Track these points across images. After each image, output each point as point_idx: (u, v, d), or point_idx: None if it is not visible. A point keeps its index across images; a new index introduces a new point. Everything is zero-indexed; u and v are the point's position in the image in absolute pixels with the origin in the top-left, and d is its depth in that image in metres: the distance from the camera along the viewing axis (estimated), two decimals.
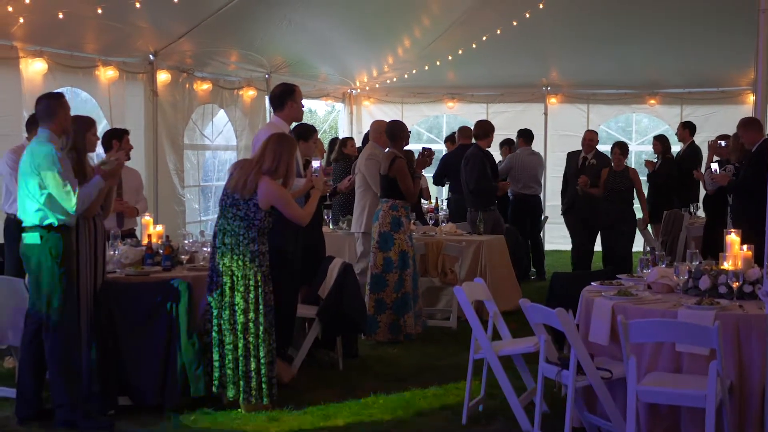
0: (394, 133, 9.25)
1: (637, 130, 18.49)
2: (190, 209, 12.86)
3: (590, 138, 12.58)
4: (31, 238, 6.38)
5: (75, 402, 6.34)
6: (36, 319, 6.44)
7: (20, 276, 7.02)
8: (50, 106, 6.50)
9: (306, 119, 7.93)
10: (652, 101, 16.27)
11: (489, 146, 11.46)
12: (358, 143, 12.69)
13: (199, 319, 6.78)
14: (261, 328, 6.67)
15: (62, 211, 6.32)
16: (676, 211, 12.20)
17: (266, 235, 6.81)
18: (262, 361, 6.67)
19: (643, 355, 5.52)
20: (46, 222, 6.35)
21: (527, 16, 13.45)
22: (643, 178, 14.53)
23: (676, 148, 13.83)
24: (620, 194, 11.64)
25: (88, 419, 6.31)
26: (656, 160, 13.24)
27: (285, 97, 7.68)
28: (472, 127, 11.87)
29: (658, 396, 5.24)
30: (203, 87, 12.88)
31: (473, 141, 11.69)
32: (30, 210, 6.38)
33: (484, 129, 11.42)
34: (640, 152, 17.21)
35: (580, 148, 12.82)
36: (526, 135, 13.56)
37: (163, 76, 11.97)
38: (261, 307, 6.69)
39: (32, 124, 8.12)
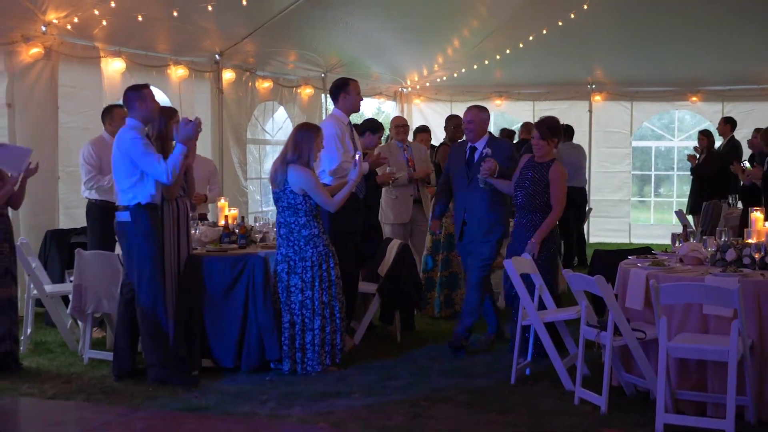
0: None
1: (680, 126, 18.99)
2: (252, 200, 13.66)
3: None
4: (122, 216, 7.15)
5: (164, 362, 7.10)
6: (129, 289, 7.23)
7: None
8: (131, 98, 7.28)
9: (353, 118, 8.67)
10: (694, 98, 16.75)
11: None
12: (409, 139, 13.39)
13: (273, 289, 7.51)
14: (317, 303, 7.39)
15: (149, 191, 7.07)
16: (716, 202, 12.73)
17: (318, 217, 7.51)
18: (316, 332, 7.38)
19: (673, 318, 6.15)
20: (135, 201, 7.11)
21: (572, 16, 14.00)
22: (686, 172, 15.12)
23: (717, 143, 14.31)
24: None
25: (176, 377, 7.07)
26: (698, 154, 13.80)
27: (339, 90, 8.38)
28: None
29: (686, 351, 5.88)
30: (264, 85, 13.65)
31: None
32: (122, 191, 7.16)
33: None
34: (683, 148, 17.72)
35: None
36: (567, 131, 14.15)
37: (228, 75, 12.76)
38: (317, 283, 7.40)
39: (105, 114, 9.04)
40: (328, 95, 8.85)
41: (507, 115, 18.22)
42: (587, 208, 14.77)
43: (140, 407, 6.50)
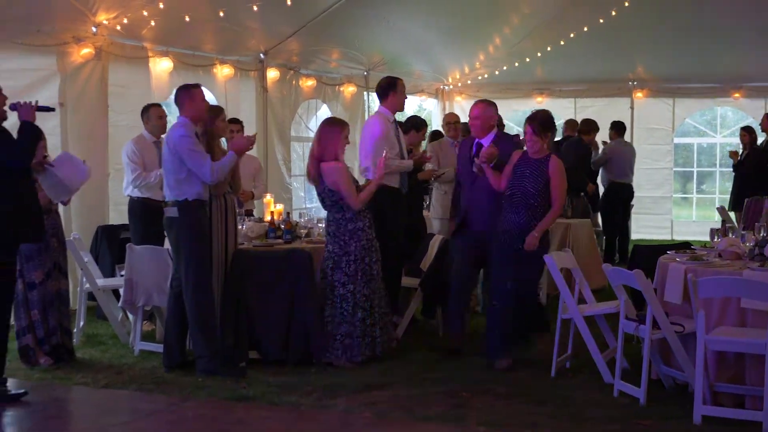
0: None
1: (722, 123, 18.95)
2: (296, 197, 13.88)
3: None
4: (171, 212, 7.36)
5: (212, 354, 7.30)
6: (179, 282, 7.44)
7: None
8: (180, 97, 7.51)
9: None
10: (737, 94, 16.72)
11: (591, 141, 12.39)
12: None
13: (318, 284, 7.69)
14: (358, 296, 7.55)
15: (197, 188, 7.28)
16: (757, 198, 12.72)
17: (364, 211, 7.67)
18: (357, 324, 7.55)
19: (711, 312, 6.24)
20: (183, 197, 7.32)
21: (613, 13, 14.07)
22: (728, 169, 15.10)
23: (759, 139, 14.29)
24: None
25: (224, 368, 7.27)
26: (740, 150, 13.81)
27: (388, 89, 8.57)
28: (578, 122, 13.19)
29: (723, 344, 5.98)
30: (308, 83, 13.88)
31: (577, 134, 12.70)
32: (170, 187, 7.37)
33: (590, 126, 12.43)
34: (725, 144, 17.68)
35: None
36: (618, 127, 14.23)
37: (272, 74, 13.00)
38: (359, 276, 7.57)
39: (143, 113, 9.36)
40: (375, 93, 8.98)
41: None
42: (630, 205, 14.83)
43: (189, 397, 6.71)
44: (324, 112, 14.54)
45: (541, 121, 7.45)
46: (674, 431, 5.89)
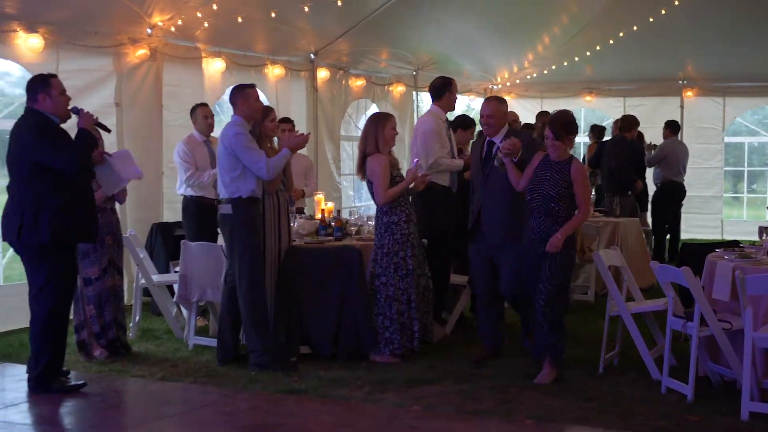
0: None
1: None
2: (345, 196, 14.03)
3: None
4: (225, 209, 7.52)
5: (265, 348, 7.44)
6: (232, 278, 7.60)
7: None
8: (233, 96, 7.69)
9: None
10: None
11: (633, 137, 12.34)
12: None
13: (368, 280, 7.81)
14: (392, 289, 7.65)
15: (251, 185, 7.43)
16: None
17: (403, 206, 7.75)
18: (394, 317, 7.64)
19: (759, 310, 6.27)
20: (237, 195, 7.48)
21: (663, 12, 14.04)
22: None
23: None
24: None
25: (276, 362, 7.42)
26: None
27: (444, 89, 8.68)
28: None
29: None
30: (357, 83, 14.04)
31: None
32: (224, 185, 7.53)
33: (629, 122, 12.35)
34: None
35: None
36: (673, 126, 14.17)
37: (322, 74, 13.17)
38: (392, 270, 7.67)
39: (191, 113, 9.58)
40: (423, 93, 9.11)
41: (597, 111, 18.26)
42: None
43: (243, 389, 6.87)
44: (373, 112, 14.65)
45: (562, 125, 7.04)
46: (722, 427, 5.92)
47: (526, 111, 17.56)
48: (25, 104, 6.81)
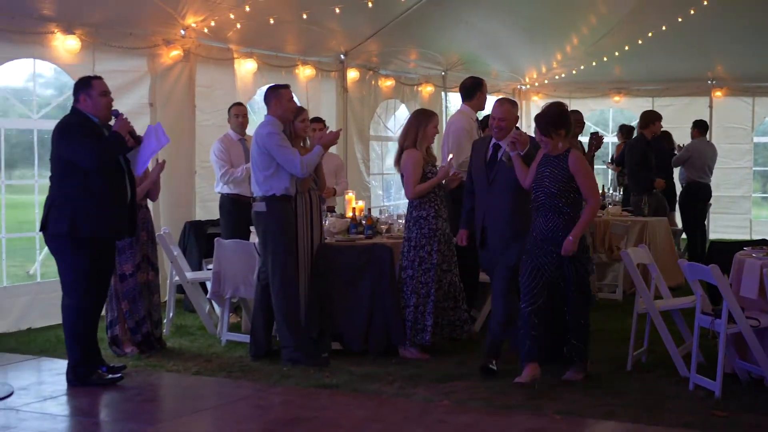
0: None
1: None
2: (374, 195, 14.14)
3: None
4: (259, 207, 7.66)
5: (297, 344, 7.57)
6: (266, 275, 7.73)
7: None
8: (268, 96, 7.84)
9: None
10: None
11: (654, 134, 12.27)
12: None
13: (397, 278, 7.91)
14: (415, 282, 7.75)
15: (284, 183, 7.57)
16: None
17: (433, 202, 7.82)
18: (411, 308, 7.74)
19: None
20: (270, 193, 7.62)
21: (692, 12, 14.02)
22: None
23: None
24: None
25: (308, 358, 7.54)
26: None
27: (475, 89, 8.79)
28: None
29: None
30: (387, 83, 14.15)
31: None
32: (258, 183, 7.66)
33: (645, 118, 12.32)
34: None
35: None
36: (701, 126, 14.14)
37: (352, 74, 13.30)
38: (416, 263, 7.76)
39: (228, 112, 9.80)
40: (451, 93, 9.20)
41: (626, 111, 18.26)
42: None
43: (275, 384, 7.00)
44: (402, 112, 14.80)
45: (547, 120, 6.83)
46: (750, 423, 5.98)
47: None
48: (60, 105, 6.98)
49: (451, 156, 8.06)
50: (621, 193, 13.23)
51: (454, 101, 15.69)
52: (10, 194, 9.68)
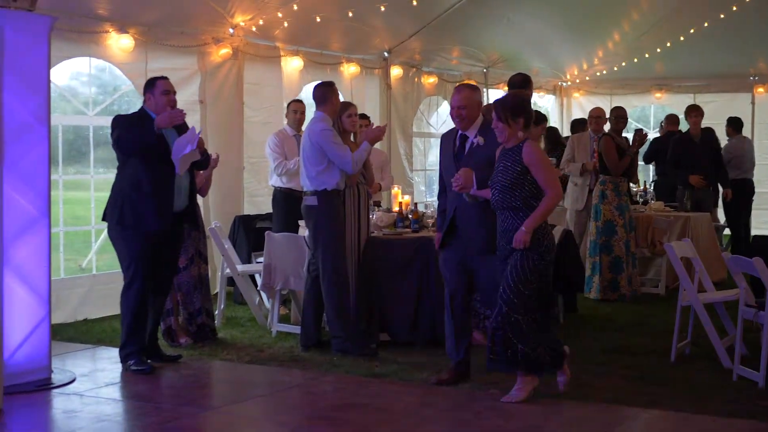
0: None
1: None
2: (417, 191, 14.32)
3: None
4: (310, 201, 7.87)
5: (347, 334, 7.76)
6: (315, 267, 7.94)
7: None
8: (325, 93, 8.02)
9: None
10: None
11: (692, 129, 12.40)
12: (566, 132, 13.94)
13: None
14: None
15: (335, 178, 7.77)
16: None
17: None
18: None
19: None
20: (322, 187, 7.82)
21: (734, 9, 14.04)
22: None
23: None
24: None
25: (357, 348, 7.72)
26: None
27: (525, 86, 8.92)
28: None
29: None
30: (429, 80, 14.32)
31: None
32: (310, 178, 7.87)
33: (670, 119, 12.60)
34: None
35: None
36: (735, 123, 14.18)
37: (395, 71, 13.49)
38: None
39: (287, 107, 10.03)
40: (507, 87, 9.34)
41: (667, 108, 18.23)
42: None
43: (326, 373, 7.20)
44: (444, 109, 14.92)
45: (507, 107, 6.28)
46: None
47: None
48: (116, 101, 7.23)
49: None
50: (652, 189, 13.31)
51: (495, 98, 15.78)
52: (66, 190, 9.94)
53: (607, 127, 10.94)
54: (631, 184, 13.26)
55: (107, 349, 7.98)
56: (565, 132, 14.83)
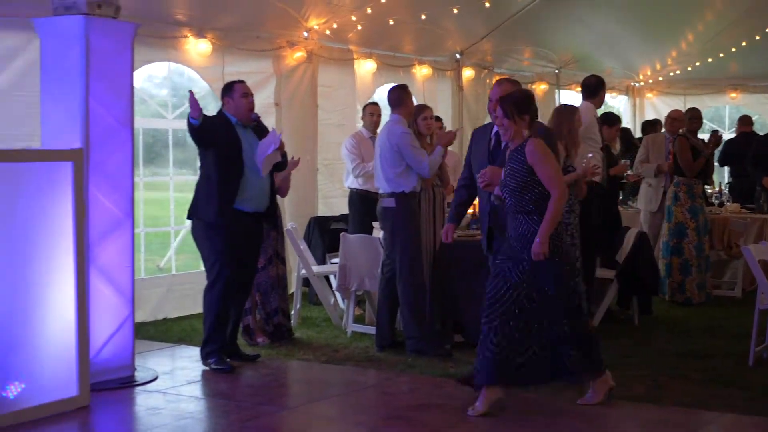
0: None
1: None
2: None
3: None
4: (388, 202, 7.97)
5: (422, 335, 7.84)
6: (390, 268, 8.03)
7: None
8: (400, 96, 8.12)
9: None
10: None
11: (747, 132, 12.30)
12: (638, 133, 13.87)
13: None
14: None
15: (413, 181, 7.85)
16: None
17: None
18: None
19: None
20: (400, 189, 7.91)
21: None
22: None
23: None
24: None
25: (432, 349, 7.79)
26: None
27: (599, 87, 8.96)
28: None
29: None
30: None
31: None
32: (388, 180, 7.96)
33: (743, 120, 12.44)
34: None
35: None
36: None
37: (467, 73, 13.54)
38: None
39: (363, 110, 10.18)
40: (581, 89, 9.29)
41: (743, 108, 17.99)
42: None
43: (401, 373, 7.28)
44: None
45: (513, 102, 6.01)
46: None
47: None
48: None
49: (591, 155, 8.12)
50: (727, 191, 13.15)
51: (567, 99, 15.73)
52: (147, 191, 10.18)
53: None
54: (706, 186, 13.18)
55: (187, 348, 8.16)
56: (636, 134, 14.70)
